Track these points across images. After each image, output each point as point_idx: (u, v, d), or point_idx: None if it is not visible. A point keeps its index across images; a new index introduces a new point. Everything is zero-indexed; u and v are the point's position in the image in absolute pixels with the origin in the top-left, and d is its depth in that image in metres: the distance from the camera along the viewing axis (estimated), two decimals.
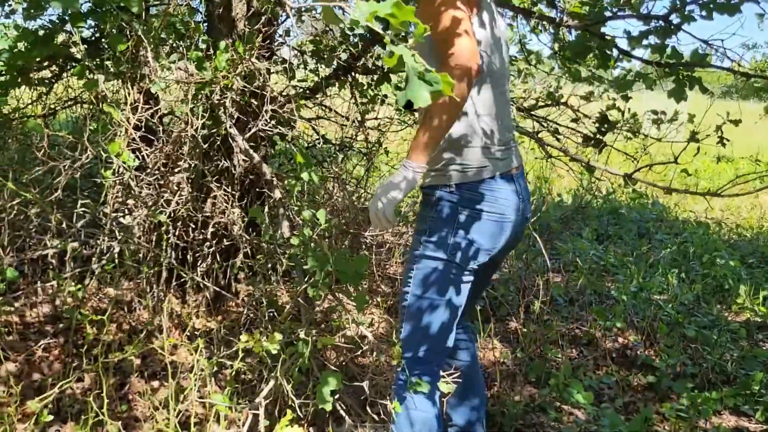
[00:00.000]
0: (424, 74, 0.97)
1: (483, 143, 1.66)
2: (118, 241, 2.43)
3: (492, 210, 1.67)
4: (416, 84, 0.97)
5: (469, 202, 1.66)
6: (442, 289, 1.69)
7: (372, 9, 0.95)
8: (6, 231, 2.48)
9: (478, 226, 1.66)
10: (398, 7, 0.94)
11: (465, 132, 1.66)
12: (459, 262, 1.68)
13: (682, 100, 2.46)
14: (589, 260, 4.29)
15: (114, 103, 2.54)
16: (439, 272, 1.68)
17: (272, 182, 2.20)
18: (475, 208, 1.66)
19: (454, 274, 1.69)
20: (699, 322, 3.41)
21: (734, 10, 2.19)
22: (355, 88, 3.17)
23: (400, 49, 0.96)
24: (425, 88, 0.97)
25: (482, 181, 1.66)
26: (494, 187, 1.67)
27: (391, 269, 3.71)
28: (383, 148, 3.51)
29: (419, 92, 0.97)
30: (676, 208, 6.23)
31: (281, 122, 2.59)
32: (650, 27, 2.39)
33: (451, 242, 1.66)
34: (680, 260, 4.53)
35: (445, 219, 1.67)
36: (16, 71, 2.62)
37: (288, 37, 3.10)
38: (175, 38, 2.64)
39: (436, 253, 1.68)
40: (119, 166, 2.34)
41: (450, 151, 1.66)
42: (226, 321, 2.73)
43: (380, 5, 0.96)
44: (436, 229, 1.68)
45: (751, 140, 10.74)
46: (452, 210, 1.66)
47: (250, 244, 2.51)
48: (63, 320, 2.53)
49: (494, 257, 1.75)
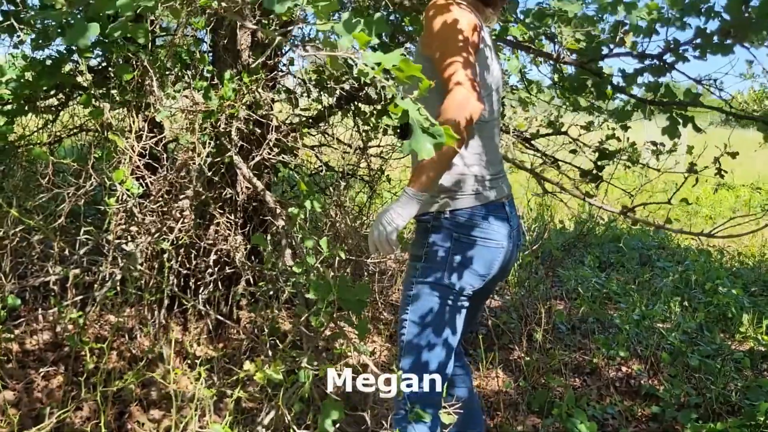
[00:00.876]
0: (428, 127, 1.00)
1: (474, 174, 1.70)
2: (121, 267, 2.44)
3: (485, 236, 1.70)
4: (420, 136, 1.00)
5: (462, 229, 1.69)
6: (439, 315, 1.71)
7: (379, 60, 0.98)
8: (8, 258, 2.49)
9: (473, 253, 1.69)
10: (405, 63, 0.98)
11: (458, 168, 1.70)
12: (455, 288, 1.70)
13: (676, 137, 2.50)
14: (591, 288, 4.28)
15: (119, 131, 2.57)
16: (435, 298, 1.70)
17: (275, 210, 2.21)
18: (469, 235, 1.69)
19: (450, 300, 1.71)
20: (702, 351, 3.39)
21: (727, 50, 2.24)
22: (357, 117, 3.21)
23: (405, 103, 0.99)
24: (429, 140, 1.00)
25: (475, 208, 1.69)
26: (486, 215, 1.70)
27: (394, 296, 3.70)
28: (385, 175, 3.53)
29: (423, 144, 1.01)
30: (677, 236, 6.22)
31: (284, 150, 2.61)
32: (645, 65, 2.44)
33: (446, 268, 1.69)
34: (682, 288, 4.52)
35: (440, 245, 1.70)
36: (23, 100, 2.66)
37: (291, 66, 3.14)
38: (181, 68, 2.68)
39: (431, 279, 1.70)
40: (123, 193, 2.36)
41: (444, 180, 1.69)
42: (227, 349, 2.72)
43: (387, 57, 0.98)
44: (432, 255, 1.70)
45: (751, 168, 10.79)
46: (447, 237, 1.69)
47: (252, 272, 2.51)
48: (63, 348, 2.52)
49: (487, 284, 1.77)
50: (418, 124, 1.00)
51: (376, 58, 1.02)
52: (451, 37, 1.58)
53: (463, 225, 1.69)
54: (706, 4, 2.26)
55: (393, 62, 1.01)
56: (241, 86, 2.38)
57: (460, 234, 1.68)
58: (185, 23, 2.59)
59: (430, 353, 1.71)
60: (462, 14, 1.60)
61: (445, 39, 1.59)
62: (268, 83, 2.70)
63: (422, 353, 1.71)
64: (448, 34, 1.58)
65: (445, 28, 1.58)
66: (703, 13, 2.27)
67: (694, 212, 7.40)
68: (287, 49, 3.05)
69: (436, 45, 1.61)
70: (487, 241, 1.70)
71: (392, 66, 1.02)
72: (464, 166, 1.69)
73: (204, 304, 2.56)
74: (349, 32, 1.04)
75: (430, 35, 1.62)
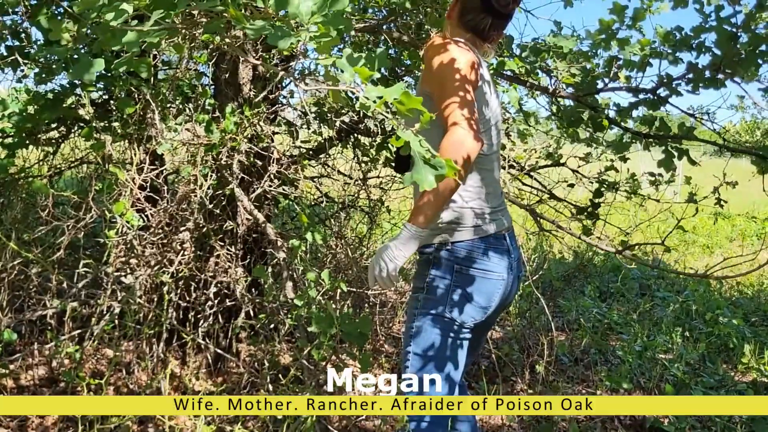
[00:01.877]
0: (429, 159, 1.01)
1: (473, 209, 1.71)
2: (119, 300, 2.42)
3: (485, 269, 1.70)
4: (422, 168, 1.01)
5: (464, 261, 1.69)
6: (441, 348, 1.70)
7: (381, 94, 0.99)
8: (6, 291, 2.47)
9: (474, 284, 1.70)
10: (406, 96, 0.99)
11: (456, 203, 1.71)
12: (457, 320, 1.70)
13: (672, 169, 2.54)
14: (592, 318, 4.25)
15: (120, 163, 2.58)
16: (437, 331, 1.70)
17: (276, 242, 2.21)
18: (470, 267, 1.69)
19: (453, 331, 1.71)
20: (706, 383, 3.35)
21: (719, 84, 2.29)
22: (357, 148, 3.23)
23: (407, 135, 1.00)
24: (430, 172, 1.01)
25: (474, 241, 1.70)
26: (486, 248, 1.71)
27: (395, 328, 3.67)
28: (385, 206, 3.54)
29: (425, 176, 1.01)
30: (676, 265, 6.22)
31: (285, 182, 2.62)
32: (639, 99, 2.48)
33: (448, 300, 1.69)
34: (683, 318, 4.49)
35: (441, 277, 1.70)
36: (24, 133, 2.67)
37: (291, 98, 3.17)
38: (182, 101, 2.70)
39: (433, 312, 1.70)
40: (123, 225, 2.36)
41: (444, 215, 1.70)
42: (226, 383, 2.68)
43: (389, 91, 0.99)
44: (433, 287, 1.70)
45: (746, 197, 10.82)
46: (448, 268, 1.69)
47: (253, 304, 2.50)
48: (59, 383, 2.48)
49: (489, 316, 1.77)
50: (420, 156, 1.00)
51: (377, 92, 1.03)
52: (449, 76, 1.60)
53: (463, 258, 1.69)
54: (696, 40, 2.31)
55: (394, 95, 1.02)
56: (242, 119, 2.39)
57: (461, 267, 1.69)
58: (188, 57, 2.62)
59: (433, 386, 1.70)
60: (460, 53, 1.63)
61: (443, 78, 1.61)
62: (269, 116, 2.72)
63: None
64: (446, 73, 1.61)
65: (443, 67, 1.61)
66: (694, 48, 2.32)
67: (691, 241, 7.40)
68: (288, 82, 3.08)
69: (435, 84, 1.63)
70: (488, 273, 1.70)
71: (394, 99, 1.02)
72: (463, 201, 1.71)
73: (203, 338, 2.54)
74: (352, 66, 1.05)
75: (430, 74, 1.65)
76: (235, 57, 2.65)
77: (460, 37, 1.72)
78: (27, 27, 2.56)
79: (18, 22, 2.57)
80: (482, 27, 1.73)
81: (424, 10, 2.53)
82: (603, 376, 3.25)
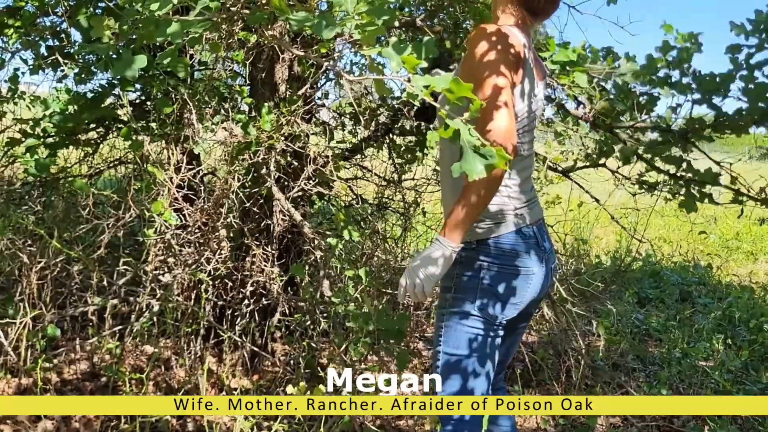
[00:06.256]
0: (479, 148, 0.98)
1: (504, 203, 1.67)
2: (158, 298, 2.44)
3: (516, 264, 1.65)
4: (471, 157, 0.98)
5: (493, 257, 1.64)
6: (473, 345, 1.66)
7: (428, 83, 0.97)
8: (49, 287, 2.52)
9: (504, 281, 1.65)
10: (456, 83, 0.96)
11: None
12: (487, 317, 1.65)
13: (693, 211, 2.51)
14: (630, 324, 4.16)
15: (158, 163, 2.61)
16: (469, 329, 1.66)
17: (313, 241, 2.21)
18: (500, 263, 1.64)
19: (483, 329, 1.66)
20: (748, 390, 3.25)
21: (743, 130, 2.26)
22: (392, 149, 3.21)
23: (456, 123, 0.98)
24: (480, 161, 0.98)
25: (503, 236, 1.65)
26: (517, 241, 1.66)
27: (429, 330, 3.64)
28: (420, 208, 3.51)
29: (474, 165, 0.98)
30: (718, 272, 6.06)
31: (321, 182, 2.62)
32: (668, 139, 2.45)
33: (477, 298, 1.64)
34: (725, 325, 4.36)
35: (470, 275, 1.65)
36: (65, 133, 2.72)
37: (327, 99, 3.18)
38: (219, 101, 2.72)
39: (463, 309, 1.66)
40: (161, 224, 2.39)
41: None
42: (262, 380, 2.69)
43: (437, 80, 0.97)
44: (462, 285, 1.66)
45: None
46: (477, 266, 1.65)
47: (288, 303, 2.50)
48: (101, 378, 2.52)
49: (522, 311, 1.72)
50: (470, 145, 0.98)
51: (425, 81, 1.01)
52: (493, 66, 1.55)
53: (490, 254, 1.65)
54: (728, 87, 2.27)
55: (443, 84, 1.00)
56: (279, 118, 2.40)
57: (490, 262, 1.64)
58: (225, 57, 2.64)
59: (466, 384, 1.66)
60: (508, 40, 1.57)
61: (485, 68, 1.55)
62: (305, 116, 2.73)
63: (458, 385, 1.67)
64: (487, 64, 1.55)
65: (486, 56, 1.56)
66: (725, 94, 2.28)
67: (735, 248, 7.20)
68: (323, 82, 3.09)
69: (477, 72, 1.57)
70: (517, 268, 1.65)
71: (443, 88, 1.00)
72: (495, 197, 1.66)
73: (239, 336, 2.55)
74: (399, 55, 1.04)
75: (472, 62, 1.59)
76: (272, 56, 2.67)
77: (510, 18, 1.67)
78: (66, 27, 2.61)
79: (57, 23, 2.63)
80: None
81: (464, 7, 2.50)
82: (641, 382, 3.17)
